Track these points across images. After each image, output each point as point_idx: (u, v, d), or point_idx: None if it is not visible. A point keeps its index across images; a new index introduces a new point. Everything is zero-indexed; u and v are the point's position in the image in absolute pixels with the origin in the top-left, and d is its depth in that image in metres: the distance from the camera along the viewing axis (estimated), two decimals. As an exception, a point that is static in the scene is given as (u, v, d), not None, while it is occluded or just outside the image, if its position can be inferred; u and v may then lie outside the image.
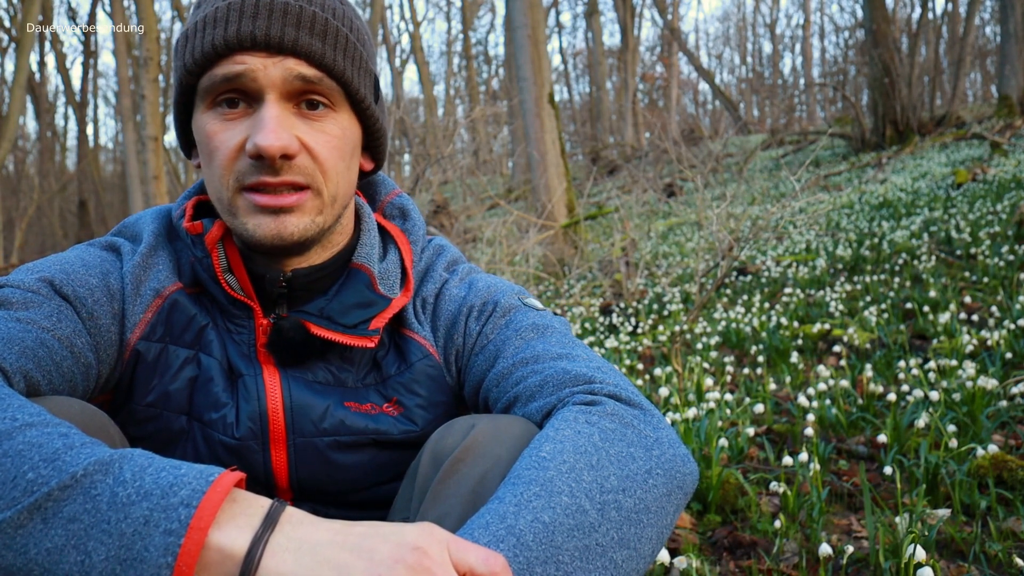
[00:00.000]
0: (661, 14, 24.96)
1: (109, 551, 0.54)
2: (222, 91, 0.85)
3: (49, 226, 30.14)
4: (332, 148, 0.88)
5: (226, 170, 0.85)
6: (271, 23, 0.83)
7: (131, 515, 0.55)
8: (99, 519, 0.55)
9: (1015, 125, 13.05)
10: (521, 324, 0.96)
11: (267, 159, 0.82)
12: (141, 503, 0.55)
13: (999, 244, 5.56)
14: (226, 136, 0.85)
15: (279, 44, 0.83)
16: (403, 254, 1.02)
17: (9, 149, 14.23)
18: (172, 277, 0.95)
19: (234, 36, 0.82)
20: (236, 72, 0.83)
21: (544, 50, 9.33)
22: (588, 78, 37.68)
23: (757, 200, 10.39)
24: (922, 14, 17.84)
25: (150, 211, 1.02)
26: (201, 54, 0.84)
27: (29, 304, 0.82)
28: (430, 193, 8.42)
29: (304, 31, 0.84)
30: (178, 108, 0.91)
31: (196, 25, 0.86)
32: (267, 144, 0.81)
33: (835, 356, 3.84)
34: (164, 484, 0.57)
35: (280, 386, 0.92)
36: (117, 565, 0.54)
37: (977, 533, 1.81)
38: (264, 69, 0.83)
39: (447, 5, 45.23)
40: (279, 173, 0.84)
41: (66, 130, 34.42)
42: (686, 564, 1.69)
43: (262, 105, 0.84)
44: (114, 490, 0.56)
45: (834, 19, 46.06)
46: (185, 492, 0.56)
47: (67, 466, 0.57)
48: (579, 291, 6.57)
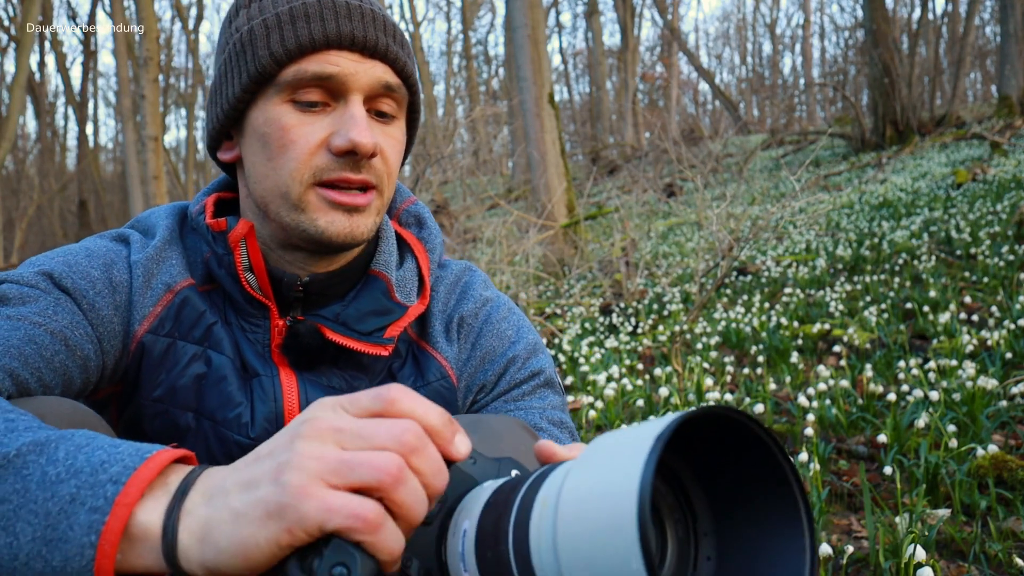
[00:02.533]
0: (661, 14, 24.96)
1: (35, 531, 0.52)
2: (309, 86, 0.85)
3: (49, 226, 30.15)
4: (397, 154, 0.91)
5: (303, 164, 0.85)
6: (366, 25, 0.85)
7: (58, 493, 0.52)
8: (27, 499, 0.53)
9: (1015, 125, 13.05)
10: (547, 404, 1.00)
11: (360, 155, 0.84)
12: (69, 481, 0.53)
13: (999, 244, 5.57)
14: (306, 130, 0.85)
15: (373, 48, 0.85)
16: (420, 262, 1.02)
17: (9, 149, 14.24)
18: (184, 273, 0.94)
19: (334, 33, 0.84)
20: (329, 72, 0.84)
21: (544, 50, 9.33)
22: (588, 78, 37.71)
23: (757, 200, 10.39)
24: (922, 14, 17.86)
25: (164, 207, 1.01)
26: (296, 45, 0.84)
27: (26, 299, 0.82)
28: (430, 193, 8.43)
29: (390, 37, 0.87)
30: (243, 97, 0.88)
31: (280, 16, 0.85)
32: (363, 140, 0.83)
33: (835, 356, 3.84)
34: (95, 462, 0.53)
35: (297, 388, 0.91)
36: (43, 546, 0.51)
37: (977, 533, 1.81)
38: (355, 72, 0.85)
39: (447, 5, 45.27)
40: (360, 171, 0.85)
41: (66, 130, 34.48)
42: (686, 564, 1.68)
43: (347, 103, 0.85)
44: (44, 469, 0.54)
45: (834, 19, 46.08)
46: (115, 469, 0.53)
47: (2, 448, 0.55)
48: (579, 291, 6.57)
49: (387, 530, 0.48)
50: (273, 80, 0.86)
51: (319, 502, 0.47)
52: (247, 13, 0.89)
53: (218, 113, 0.91)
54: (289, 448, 0.50)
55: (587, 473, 0.45)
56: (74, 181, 28.65)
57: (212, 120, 0.93)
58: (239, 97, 0.88)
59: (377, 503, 0.48)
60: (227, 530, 0.49)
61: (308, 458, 0.49)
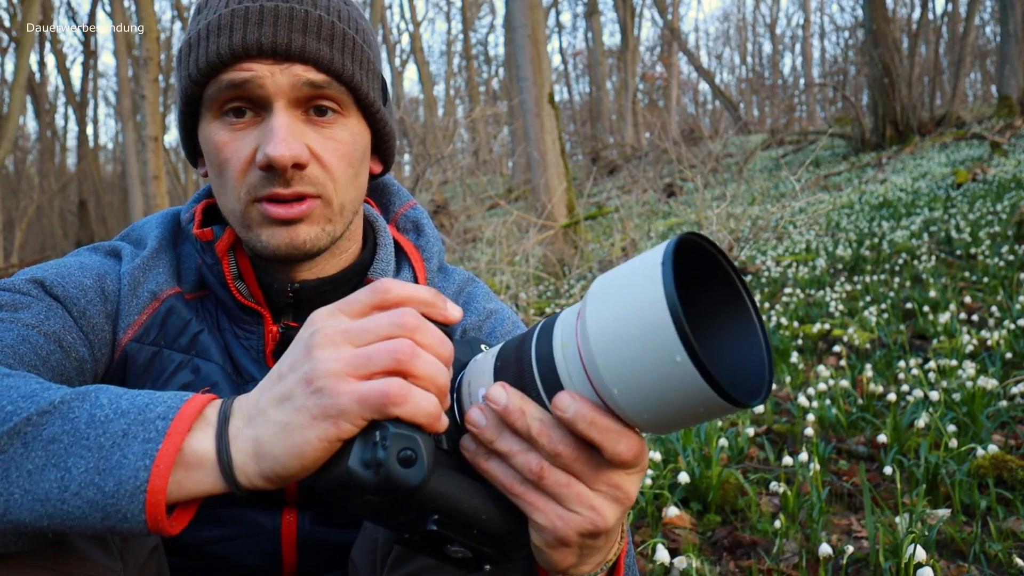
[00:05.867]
0: (661, 14, 24.96)
1: (88, 464, 0.56)
2: (228, 99, 0.83)
3: (49, 226, 30.15)
4: (342, 155, 0.86)
5: (238, 182, 0.84)
6: (277, 29, 0.81)
7: (109, 430, 0.57)
8: (78, 437, 0.57)
9: (1015, 125, 13.05)
10: None
11: (278, 169, 0.81)
12: (119, 420, 0.57)
13: (999, 244, 5.56)
14: (236, 147, 0.84)
15: (286, 51, 0.81)
16: (416, 271, 1.01)
17: (9, 149, 14.24)
18: (171, 281, 0.94)
19: (240, 44, 0.81)
20: (242, 79, 0.81)
21: (544, 50, 9.32)
22: (588, 78, 37.68)
23: (757, 200, 10.38)
24: (922, 14, 17.87)
25: (157, 215, 1.02)
26: (206, 62, 0.82)
27: (17, 306, 0.82)
28: (430, 193, 8.43)
29: (311, 36, 0.83)
30: (184, 118, 0.89)
31: (199, 33, 0.84)
32: (278, 154, 0.80)
33: (835, 356, 3.84)
34: (140, 404, 0.58)
35: None
36: (96, 475, 0.55)
37: (977, 533, 1.81)
38: (272, 76, 0.81)
39: (447, 5, 45.27)
40: (291, 184, 0.83)
41: (66, 130, 34.48)
42: (686, 564, 1.69)
43: (271, 113, 0.83)
44: (92, 412, 0.58)
45: (834, 19, 46.07)
46: (161, 408, 0.58)
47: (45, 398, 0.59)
48: (579, 291, 6.56)
49: (417, 396, 0.54)
50: (200, 99, 0.86)
51: (352, 394, 0.54)
52: (186, 31, 0.90)
53: (179, 133, 0.93)
54: (308, 359, 0.56)
55: (606, 303, 0.53)
56: (74, 181, 28.64)
57: (179, 139, 0.95)
58: (180, 119, 0.89)
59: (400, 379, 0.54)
60: (279, 441, 0.55)
61: (329, 361, 0.55)
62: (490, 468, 0.60)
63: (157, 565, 0.79)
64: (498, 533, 0.61)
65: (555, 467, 0.58)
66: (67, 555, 0.64)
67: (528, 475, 0.58)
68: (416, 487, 0.54)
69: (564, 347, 0.56)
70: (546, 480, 0.58)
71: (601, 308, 0.53)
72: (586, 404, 0.55)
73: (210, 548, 0.90)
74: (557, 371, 0.56)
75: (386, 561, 0.78)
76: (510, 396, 0.58)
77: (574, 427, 0.56)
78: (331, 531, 0.92)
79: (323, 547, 0.92)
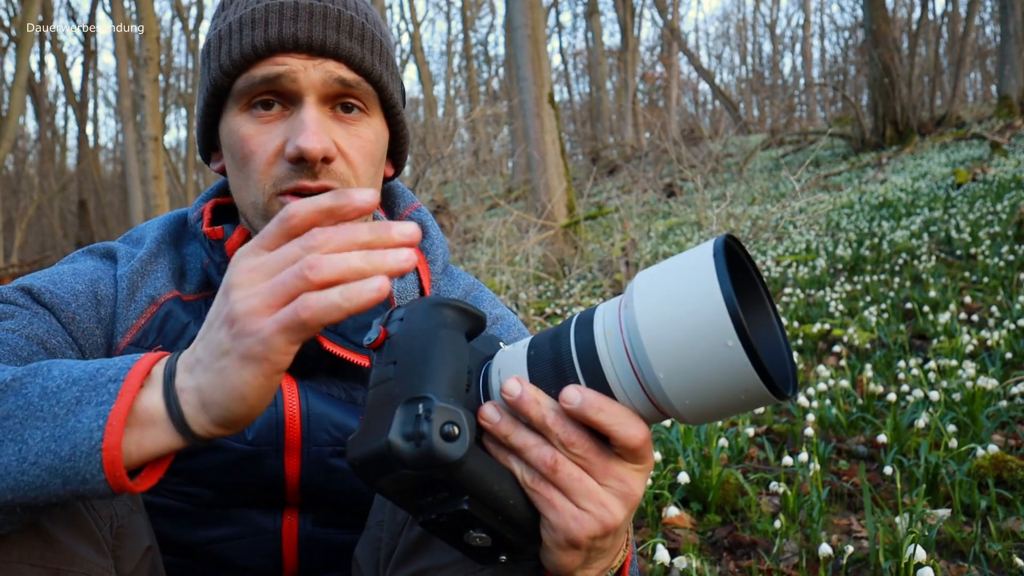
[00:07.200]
0: (661, 14, 24.96)
1: (44, 433, 0.57)
2: (259, 92, 0.84)
3: (49, 226, 30.14)
4: (366, 153, 0.88)
5: (263, 174, 0.85)
6: (312, 25, 0.83)
7: (62, 400, 0.58)
8: (32, 411, 0.58)
9: (1015, 125, 13.05)
10: None
11: (308, 162, 0.82)
12: (71, 388, 0.58)
13: (999, 244, 5.57)
14: (263, 139, 0.84)
15: (321, 47, 0.83)
16: (421, 273, 1.01)
17: (9, 149, 14.23)
18: (169, 285, 0.94)
19: (275, 37, 0.82)
20: (276, 73, 0.83)
21: (544, 50, 9.33)
22: (588, 78, 37.69)
23: (757, 200, 10.38)
24: (922, 14, 17.87)
25: (159, 218, 1.02)
26: (240, 55, 0.83)
27: (2, 315, 0.82)
28: (430, 193, 8.43)
29: (343, 34, 0.84)
30: (208, 110, 0.90)
31: (231, 26, 0.85)
32: (310, 146, 0.81)
33: (835, 356, 3.84)
34: (91, 371, 0.59)
35: (297, 394, 0.90)
36: (52, 443, 0.56)
37: (977, 533, 1.81)
38: (304, 71, 0.83)
39: (447, 5, 45.27)
40: (318, 177, 0.83)
41: (66, 130, 34.46)
42: (686, 564, 1.69)
43: (301, 107, 0.84)
44: (44, 385, 0.59)
45: (834, 19, 46.05)
46: (112, 372, 0.59)
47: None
48: (579, 291, 6.56)
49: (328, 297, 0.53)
50: (229, 91, 0.86)
51: (271, 326, 0.54)
52: (213, 25, 0.90)
53: (197, 126, 0.93)
54: (226, 302, 0.57)
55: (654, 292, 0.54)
56: (74, 181, 28.63)
57: (196, 133, 0.95)
58: (205, 111, 0.90)
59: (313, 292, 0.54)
60: (219, 387, 0.56)
61: (244, 300, 0.55)
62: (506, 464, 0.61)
63: (152, 564, 0.78)
64: (522, 521, 0.61)
65: (568, 460, 0.59)
66: (55, 552, 0.64)
67: (543, 468, 0.59)
68: (456, 462, 0.54)
69: (607, 335, 0.57)
70: (560, 473, 0.59)
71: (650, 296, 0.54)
72: (594, 393, 0.57)
73: (211, 548, 0.90)
74: (599, 358, 0.57)
75: (389, 560, 0.78)
76: (524, 387, 0.59)
77: (584, 415, 0.57)
78: (332, 532, 0.92)
79: (324, 548, 0.92)
